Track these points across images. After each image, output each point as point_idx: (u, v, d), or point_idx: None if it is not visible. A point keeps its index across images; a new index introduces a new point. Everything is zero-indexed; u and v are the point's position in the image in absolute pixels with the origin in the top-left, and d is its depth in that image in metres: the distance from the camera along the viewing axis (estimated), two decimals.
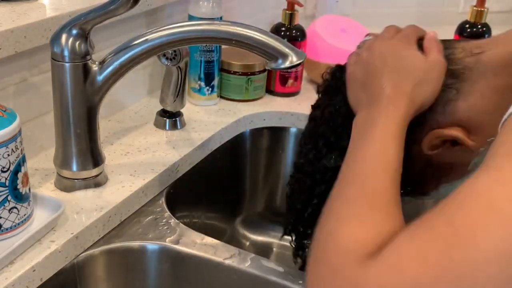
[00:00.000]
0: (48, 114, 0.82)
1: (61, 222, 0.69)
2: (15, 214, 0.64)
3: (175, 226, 0.76)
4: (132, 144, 0.89)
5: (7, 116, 0.62)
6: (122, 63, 0.70)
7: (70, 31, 0.68)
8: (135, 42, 0.70)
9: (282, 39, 0.69)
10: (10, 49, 0.71)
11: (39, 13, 0.76)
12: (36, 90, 0.80)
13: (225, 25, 0.69)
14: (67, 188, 0.75)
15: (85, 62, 0.70)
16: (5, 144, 0.61)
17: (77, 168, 0.74)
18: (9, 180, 0.62)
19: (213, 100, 1.06)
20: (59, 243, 0.66)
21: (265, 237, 1.12)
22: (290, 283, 0.69)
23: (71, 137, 0.73)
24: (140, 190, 0.78)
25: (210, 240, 0.74)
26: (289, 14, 1.11)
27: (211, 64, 1.02)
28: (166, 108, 0.94)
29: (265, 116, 1.06)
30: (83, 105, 0.72)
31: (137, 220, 0.77)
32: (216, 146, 0.97)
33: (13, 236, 0.64)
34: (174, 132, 0.95)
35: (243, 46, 0.69)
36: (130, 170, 0.82)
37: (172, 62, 0.88)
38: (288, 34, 1.12)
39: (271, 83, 1.12)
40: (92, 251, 0.71)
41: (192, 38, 0.71)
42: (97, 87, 0.71)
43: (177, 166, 0.86)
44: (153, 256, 0.74)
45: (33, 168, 0.79)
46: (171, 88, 0.92)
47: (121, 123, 0.96)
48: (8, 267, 0.61)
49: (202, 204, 0.98)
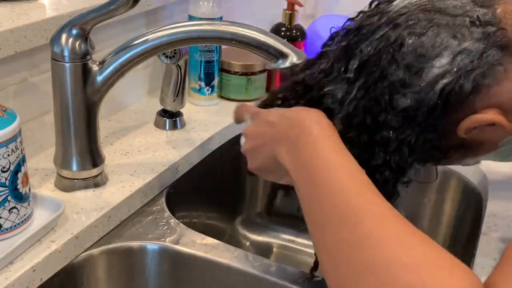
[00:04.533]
0: (48, 114, 0.82)
1: (61, 222, 0.69)
2: (15, 214, 0.64)
3: (175, 226, 0.76)
4: (132, 144, 0.89)
5: (7, 116, 0.62)
6: (122, 63, 0.71)
7: (70, 31, 0.68)
8: (135, 42, 0.70)
9: (282, 39, 0.69)
10: (10, 49, 0.71)
11: (39, 13, 0.76)
12: (36, 90, 0.80)
13: (225, 25, 0.69)
14: (67, 188, 0.75)
15: (85, 62, 0.70)
16: (5, 144, 0.61)
17: (77, 168, 0.74)
18: (9, 180, 0.62)
19: (213, 100, 1.06)
20: (59, 243, 0.66)
21: (265, 237, 1.12)
22: (290, 283, 0.69)
23: (71, 137, 0.73)
24: (140, 190, 0.78)
25: (210, 240, 0.74)
26: (289, 14, 1.11)
27: (211, 64, 1.02)
28: (166, 108, 0.94)
29: None
30: (83, 105, 0.72)
31: (137, 220, 0.77)
32: (216, 146, 0.97)
33: (13, 236, 0.64)
34: (174, 132, 0.95)
35: (243, 46, 0.69)
36: (130, 170, 0.82)
37: (171, 61, 0.88)
38: (288, 34, 1.12)
39: (271, 83, 1.12)
40: (92, 251, 0.71)
41: (192, 38, 0.71)
42: (97, 87, 0.71)
43: (177, 166, 0.86)
44: (153, 256, 0.74)
45: (33, 168, 0.79)
46: (171, 87, 0.92)
47: (121, 123, 0.96)
48: (8, 267, 0.61)
49: (202, 204, 0.98)
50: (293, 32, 1.12)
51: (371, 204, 0.49)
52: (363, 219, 0.48)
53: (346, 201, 0.49)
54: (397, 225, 0.47)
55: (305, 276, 0.69)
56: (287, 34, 1.12)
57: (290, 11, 1.11)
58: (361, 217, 0.48)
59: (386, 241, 0.46)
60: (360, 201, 0.49)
